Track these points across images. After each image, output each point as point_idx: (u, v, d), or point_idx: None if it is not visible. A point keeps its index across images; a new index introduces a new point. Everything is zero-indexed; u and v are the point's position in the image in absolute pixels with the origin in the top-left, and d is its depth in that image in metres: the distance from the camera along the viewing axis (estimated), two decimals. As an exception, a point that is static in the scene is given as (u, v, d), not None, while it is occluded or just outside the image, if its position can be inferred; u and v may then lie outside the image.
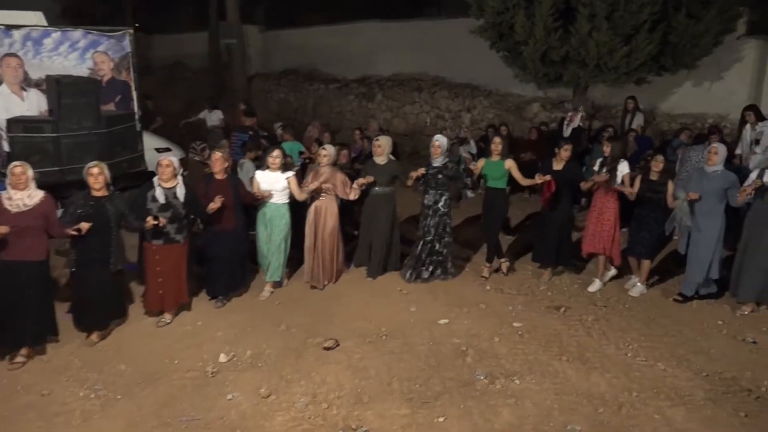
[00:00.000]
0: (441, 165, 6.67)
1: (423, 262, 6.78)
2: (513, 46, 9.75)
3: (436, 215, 6.69)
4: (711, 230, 6.07)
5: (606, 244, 6.56)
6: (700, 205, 6.08)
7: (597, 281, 6.73)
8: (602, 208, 6.56)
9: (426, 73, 14.95)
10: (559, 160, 6.72)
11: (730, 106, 10.59)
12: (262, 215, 6.43)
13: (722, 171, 6.09)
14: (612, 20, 8.64)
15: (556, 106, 12.56)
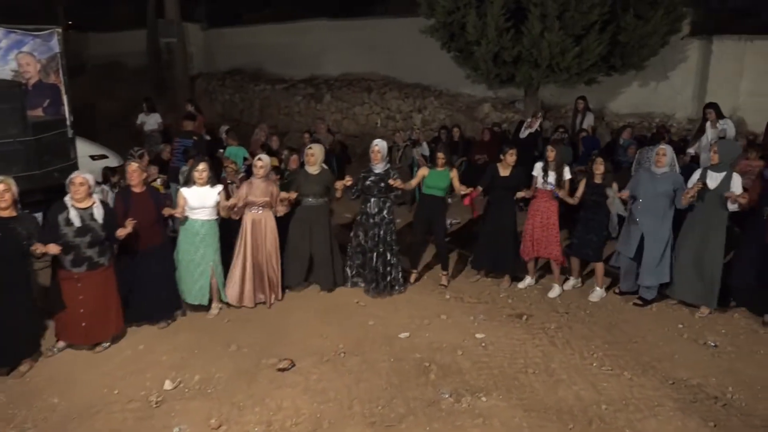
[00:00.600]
0: (383, 171, 6.38)
1: (382, 274, 6.49)
2: (465, 46, 9.60)
3: (383, 224, 6.39)
4: (661, 232, 6.04)
5: (553, 248, 6.48)
6: (650, 207, 6.03)
7: (556, 286, 6.64)
8: (547, 213, 6.46)
9: (375, 72, 14.70)
10: (505, 165, 6.55)
11: (676, 106, 10.78)
12: (194, 234, 5.85)
13: (670, 172, 6.07)
14: (563, 20, 8.58)
15: (506, 106, 12.52)
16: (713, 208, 5.84)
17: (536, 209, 6.52)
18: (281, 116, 15.48)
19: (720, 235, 5.88)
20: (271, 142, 9.99)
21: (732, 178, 5.78)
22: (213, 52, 17.98)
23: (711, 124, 8.25)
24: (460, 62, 10.10)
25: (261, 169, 6.15)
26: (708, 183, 5.84)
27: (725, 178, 5.78)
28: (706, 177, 5.88)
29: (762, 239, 5.78)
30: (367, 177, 6.41)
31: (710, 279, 5.94)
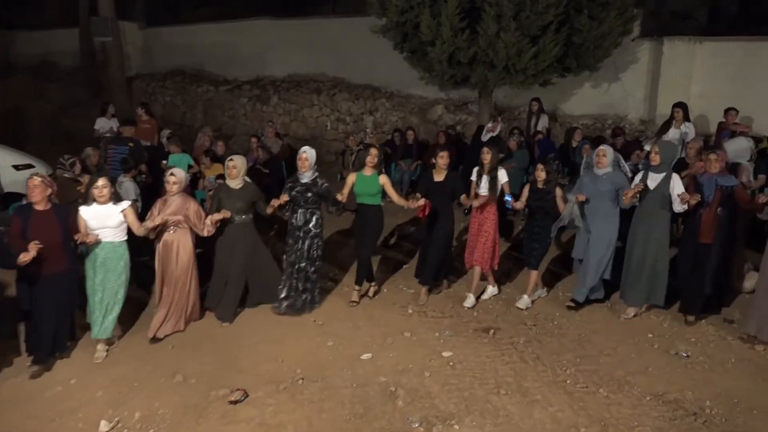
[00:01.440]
0: (310, 181, 5.94)
1: (299, 290, 6.00)
2: (418, 46, 9.27)
3: (308, 237, 5.95)
4: (604, 232, 5.97)
5: (486, 256, 6.25)
6: (593, 208, 5.97)
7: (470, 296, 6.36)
8: (482, 219, 6.27)
9: (324, 73, 14.24)
10: (439, 170, 6.22)
11: (628, 107, 10.76)
12: (93, 257, 5.21)
13: (612, 172, 6.00)
14: (519, 21, 8.36)
15: (459, 107, 12.28)
16: (655, 208, 5.81)
17: (474, 215, 6.35)
18: (226, 119, 14.82)
19: (663, 234, 5.84)
20: (216, 148, 9.44)
21: (672, 178, 5.75)
22: (152, 51, 17.12)
23: (676, 124, 8.20)
24: (413, 63, 9.77)
25: (174, 186, 5.51)
26: (648, 183, 5.80)
27: (665, 179, 5.75)
28: (647, 178, 5.83)
29: (696, 239, 5.75)
30: (293, 186, 5.95)
31: (656, 278, 5.88)
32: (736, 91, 9.69)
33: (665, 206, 5.77)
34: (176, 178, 5.57)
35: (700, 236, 5.75)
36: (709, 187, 5.71)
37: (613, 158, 6.06)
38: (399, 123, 12.41)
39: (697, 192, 5.70)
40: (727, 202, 5.66)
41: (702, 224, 5.73)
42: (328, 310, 6.17)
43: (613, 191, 5.94)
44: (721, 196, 5.65)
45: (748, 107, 9.21)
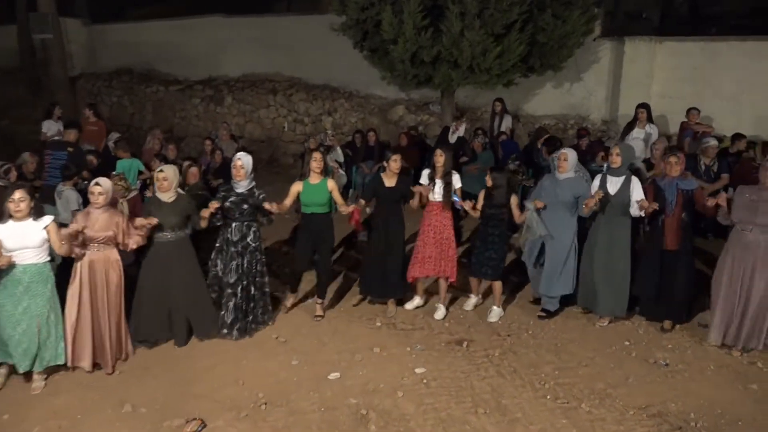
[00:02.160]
0: (246, 191, 5.40)
1: (244, 311, 5.48)
2: (379, 45, 8.95)
3: (246, 252, 5.41)
4: (564, 240, 5.77)
5: (447, 265, 5.89)
6: (553, 214, 5.73)
7: (441, 307, 6.06)
8: (440, 227, 5.87)
9: (280, 73, 13.79)
10: (390, 174, 5.85)
11: (590, 107, 10.71)
12: (15, 283, 4.53)
13: (573, 178, 5.78)
14: (483, 19, 8.14)
15: (420, 108, 12.03)
16: (615, 214, 5.63)
17: (428, 223, 5.90)
18: (177, 120, 14.20)
19: (625, 241, 5.67)
20: (167, 152, 8.90)
21: (631, 182, 5.58)
22: (97, 50, 16.28)
23: (639, 125, 8.12)
24: (374, 62, 9.45)
25: (99, 197, 4.84)
26: (608, 188, 5.62)
27: (624, 183, 5.58)
28: (606, 182, 5.65)
29: (661, 246, 5.60)
30: (227, 197, 5.39)
31: (617, 286, 5.70)
32: (695, 91, 9.75)
33: (626, 212, 5.60)
34: (102, 188, 4.88)
35: (665, 243, 5.56)
36: (670, 191, 5.52)
37: (575, 162, 5.83)
38: (359, 124, 12.09)
39: (658, 196, 5.55)
40: (689, 206, 5.50)
41: (666, 230, 5.55)
42: (290, 325, 5.79)
43: (572, 198, 5.71)
44: (683, 201, 5.48)
45: (708, 107, 9.25)
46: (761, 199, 5.08)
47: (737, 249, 5.21)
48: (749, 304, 5.19)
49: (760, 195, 5.11)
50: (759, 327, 5.22)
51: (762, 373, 5.09)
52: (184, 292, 5.25)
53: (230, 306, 5.42)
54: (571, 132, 10.63)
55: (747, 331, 5.25)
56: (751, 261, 5.13)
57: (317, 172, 5.68)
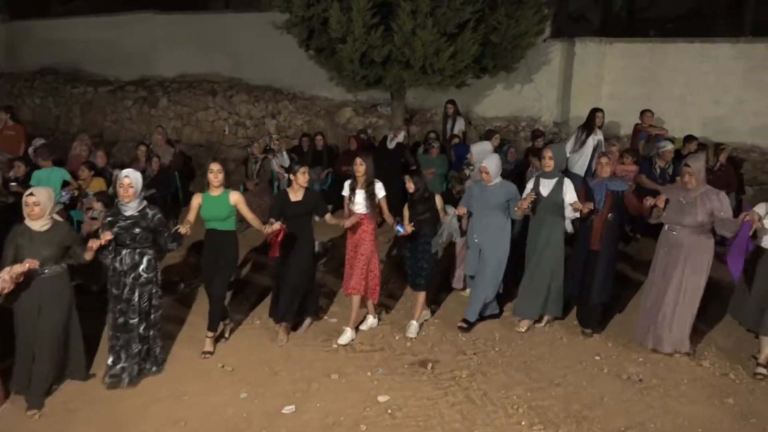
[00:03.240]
0: (137, 212, 4.63)
1: (134, 354, 4.68)
2: (327, 44, 8.47)
3: (137, 285, 4.64)
4: (497, 248, 5.57)
5: (363, 283, 5.43)
6: (486, 221, 5.57)
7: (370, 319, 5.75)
8: (358, 240, 5.48)
9: (218, 73, 13.07)
10: (296, 188, 5.31)
11: (541, 109, 10.54)
12: None
13: (501, 182, 5.60)
14: (435, 17, 7.79)
15: (368, 110, 11.61)
16: (548, 216, 5.53)
17: (349, 235, 5.55)
18: (108, 124, 13.24)
19: (558, 243, 5.54)
20: (96, 159, 8.17)
21: (564, 184, 5.47)
22: (17, 48, 15.07)
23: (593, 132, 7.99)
24: (320, 63, 8.96)
25: (35, 208, 4.33)
26: (541, 191, 5.52)
27: (557, 185, 5.48)
28: (539, 185, 5.54)
29: (587, 246, 5.48)
30: (114, 221, 4.60)
31: (552, 289, 5.59)
32: (645, 92, 9.73)
33: (559, 213, 5.49)
34: (36, 199, 4.33)
35: (591, 243, 5.47)
36: (600, 192, 5.45)
37: (499, 169, 5.57)
38: (305, 127, 11.55)
39: (588, 197, 5.45)
40: (617, 207, 5.38)
41: (593, 230, 5.44)
42: (237, 351, 5.26)
43: (503, 203, 5.54)
44: (612, 202, 5.37)
45: (657, 108, 9.18)
46: (687, 200, 5.03)
47: (665, 249, 5.16)
48: (675, 305, 5.11)
49: (686, 196, 5.05)
50: (681, 328, 5.13)
51: (735, 385, 4.92)
52: (55, 338, 4.46)
53: (114, 344, 4.66)
54: (523, 134, 10.46)
55: (675, 333, 5.15)
56: (680, 261, 5.06)
57: (216, 185, 5.03)
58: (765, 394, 4.77)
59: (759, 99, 9.07)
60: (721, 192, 5.09)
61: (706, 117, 9.40)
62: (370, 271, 5.48)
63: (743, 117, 9.18)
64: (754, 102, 9.09)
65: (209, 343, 5.21)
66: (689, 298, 5.10)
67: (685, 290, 5.09)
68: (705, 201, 4.98)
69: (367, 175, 5.40)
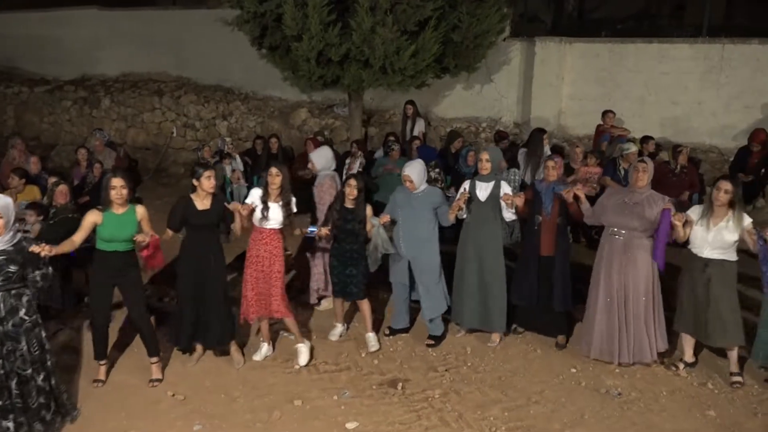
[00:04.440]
0: (11, 247, 3.77)
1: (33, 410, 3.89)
2: (281, 42, 8.04)
3: (21, 331, 3.83)
4: (427, 257, 5.28)
5: (277, 302, 4.90)
6: (414, 230, 5.25)
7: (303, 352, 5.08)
8: (271, 257, 4.90)
9: (165, 72, 12.49)
10: (202, 195, 4.68)
11: (502, 109, 10.38)
12: None
13: (427, 188, 5.31)
14: (395, 14, 7.46)
15: (324, 111, 11.22)
16: (485, 222, 5.27)
17: (255, 253, 4.92)
18: (45, 126, 12.45)
19: (497, 250, 5.29)
20: (29, 164, 7.53)
21: (501, 186, 5.25)
22: (-56, 44, 14.08)
23: None
24: (274, 62, 8.51)
25: None
26: (477, 194, 5.27)
27: (495, 188, 5.25)
28: (476, 188, 5.31)
29: (537, 252, 5.27)
30: None
31: (495, 300, 5.30)
32: (604, 93, 9.68)
33: (497, 218, 5.27)
34: None
35: (541, 249, 5.25)
36: (548, 195, 5.23)
37: (423, 174, 5.25)
38: (258, 129, 11.08)
39: (535, 200, 5.24)
40: (565, 210, 5.21)
41: (542, 236, 5.24)
42: (189, 377, 4.80)
43: (431, 209, 5.25)
44: (560, 205, 5.19)
45: (617, 108, 9.14)
46: (631, 201, 4.87)
47: (609, 255, 4.95)
48: (629, 314, 4.92)
49: (630, 197, 4.89)
50: (639, 338, 4.94)
51: (715, 395, 4.76)
52: None
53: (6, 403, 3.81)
54: (483, 135, 10.27)
55: (635, 344, 4.95)
56: (625, 267, 4.87)
57: (119, 202, 4.42)
58: (744, 405, 4.63)
59: (716, 99, 9.10)
60: (665, 197, 4.94)
61: (665, 117, 9.39)
62: (276, 290, 4.93)
63: (701, 117, 9.21)
64: (711, 102, 9.12)
65: (156, 370, 4.71)
66: (643, 305, 4.90)
67: (636, 298, 4.89)
68: (651, 204, 4.82)
69: (283, 187, 4.89)
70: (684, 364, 5.00)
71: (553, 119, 9.94)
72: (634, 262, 4.86)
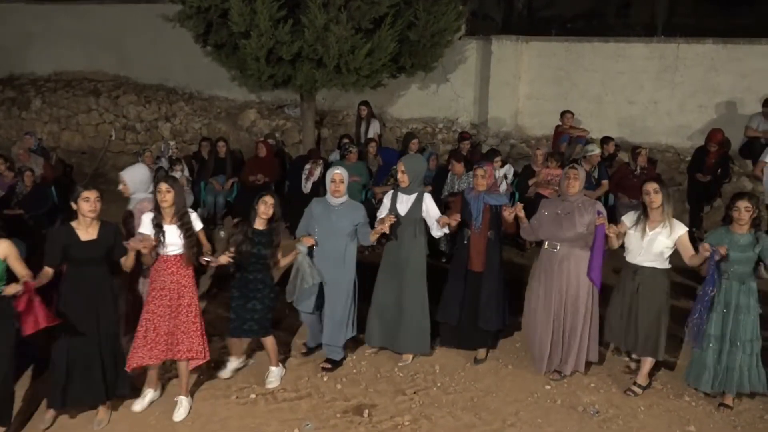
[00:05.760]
0: None
1: None
2: (227, 39, 7.54)
3: None
4: (341, 278, 4.73)
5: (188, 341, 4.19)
6: (329, 248, 4.71)
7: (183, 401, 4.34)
8: (179, 288, 4.19)
9: (102, 71, 11.76)
10: (84, 222, 3.91)
11: (458, 110, 10.13)
12: None
13: (349, 202, 4.78)
14: (349, 11, 7.08)
15: (274, 112, 10.74)
16: (405, 239, 4.83)
17: (159, 285, 4.17)
18: (-31, 129, 11.53)
19: (415, 269, 4.84)
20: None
21: (424, 200, 4.81)
22: None
23: None
24: (220, 60, 7.99)
25: None
26: (398, 208, 4.81)
27: (416, 201, 4.79)
28: (396, 201, 4.84)
29: (465, 266, 4.95)
30: None
31: (409, 322, 4.87)
32: (562, 92, 9.54)
33: (418, 235, 4.82)
34: None
35: (470, 264, 4.91)
36: (477, 206, 4.85)
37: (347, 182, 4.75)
38: (204, 131, 10.51)
39: (464, 210, 4.88)
40: (496, 223, 4.88)
41: (471, 250, 4.89)
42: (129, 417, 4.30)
43: (352, 227, 4.71)
44: (491, 217, 4.85)
45: (575, 108, 9.01)
46: (565, 211, 4.65)
47: (547, 269, 4.73)
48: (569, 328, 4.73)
49: (564, 207, 4.67)
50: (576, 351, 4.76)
51: (692, 408, 4.60)
52: None
53: None
54: (440, 136, 10.01)
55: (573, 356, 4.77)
56: (563, 281, 4.65)
57: None
58: (723, 418, 4.47)
59: (671, 99, 9.08)
60: (597, 203, 4.75)
61: (622, 117, 9.32)
62: (191, 327, 4.21)
63: (657, 117, 9.17)
64: (667, 102, 9.10)
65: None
66: (577, 317, 4.69)
67: (575, 312, 4.68)
68: (583, 212, 4.60)
69: (176, 205, 4.16)
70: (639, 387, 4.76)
71: (510, 119, 9.75)
72: (571, 275, 4.64)
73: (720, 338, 4.41)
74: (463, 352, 5.21)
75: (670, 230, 4.47)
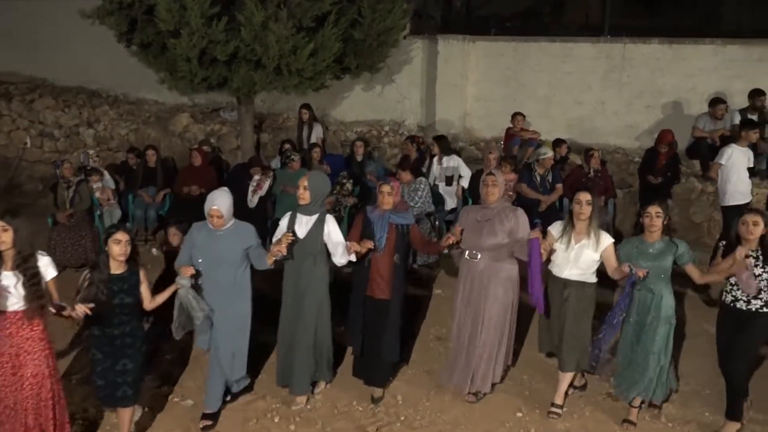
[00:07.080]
0: None
1: None
2: (154, 38, 6.87)
3: None
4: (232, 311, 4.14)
5: (39, 418, 3.52)
6: (212, 277, 4.10)
7: None
8: (18, 353, 3.48)
9: (14, 72, 10.78)
10: None
11: (404, 111, 9.76)
12: None
13: (236, 224, 4.14)
14: (289, 8, 6.56)
15: (209, 115, 10.06)
16: (304, 265, 4.30)
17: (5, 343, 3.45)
18: None
19: (314, 299, 4.33)
20: None
21: (326, 221, 4.30)
22: None
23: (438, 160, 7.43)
24: (147, 61, 7.30)
25: None
26: (296, 230, 4.26)
27: (318, 222, 4.28)
28: (295, 222, 4.30)
29: (365, 293, 4.48)
30: None
31: (301, 358, 4.36)
32: (510, 93, 9.32)
33: (319, 261, 4.31)
34: None
35: (373, 290, 4.44)
36: (381, 226, 4.37)
37: (231, 206, 4.07)
38: (131, 137, 9.72)
39: (366, 230, 4.40)
40: (403, 245, 4.48)
41: (373, 274, 4.41)
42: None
43: (242, 252, 4.14)
44: (396, 238, 4.41)
45: (523, 109, 8.75)
46: (484, 218, 4.39)
47: (468, 280, 4.47)
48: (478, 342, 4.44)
49: (484, 214, 4.41)
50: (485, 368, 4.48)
51: (668, 429, 4.36)
52: None
53: None
54: (387, 139, 9.59)
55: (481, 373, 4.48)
56: (481, 293, 4.39)
57: None
58: (703, 439, 4.26)
59: (618, 99, 8.99)
60: (518, 209, 4.49)
61: (571, 118, 9.17)
62: (45, 397, 3.50)
63: (605, 117, 9.07)
64: (614, 102, 9.00)
65: None
66: (492, 332, 4.40)
67: (488, 325, 4.39)
68: (503, 219, 4.34)
69: (15, 246, 3.44)
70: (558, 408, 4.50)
71: (459, 121, 9.47)
72: (490, 287, 4.36)
73: (630, 346, 4.33)
74: (425, 378, 4.83)
75: (597, 242, 4.24)
